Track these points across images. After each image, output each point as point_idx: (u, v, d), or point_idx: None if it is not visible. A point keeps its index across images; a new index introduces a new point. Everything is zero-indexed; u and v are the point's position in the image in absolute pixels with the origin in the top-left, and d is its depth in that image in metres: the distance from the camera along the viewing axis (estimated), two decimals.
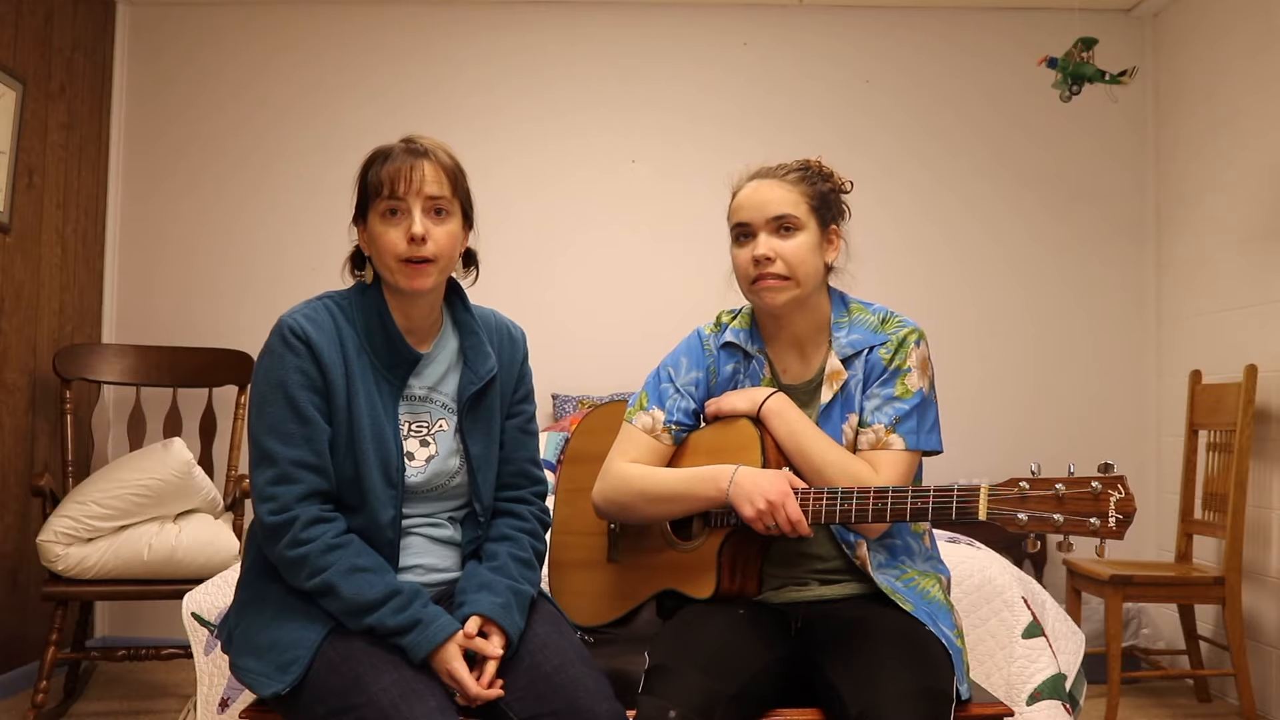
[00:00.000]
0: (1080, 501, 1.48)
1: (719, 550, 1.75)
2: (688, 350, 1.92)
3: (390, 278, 1.65)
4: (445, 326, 1.76)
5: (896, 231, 4.19)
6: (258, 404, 1.61)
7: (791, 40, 4.25)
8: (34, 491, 3.19)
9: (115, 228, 4.19)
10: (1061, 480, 1.50)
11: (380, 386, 1.65)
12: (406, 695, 1.47)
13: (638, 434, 1.86)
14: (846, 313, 1.86)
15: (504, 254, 4.12)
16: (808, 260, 1.79)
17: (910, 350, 1.80)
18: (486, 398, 1.74)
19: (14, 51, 3.49)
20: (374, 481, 1.61)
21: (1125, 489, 1.46)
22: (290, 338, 1.60)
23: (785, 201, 1.80)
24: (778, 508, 1.64)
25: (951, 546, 2.42)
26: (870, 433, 1.77)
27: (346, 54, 4.25)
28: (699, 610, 1.74)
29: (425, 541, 1.70)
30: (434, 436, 1.70)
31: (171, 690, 3.54)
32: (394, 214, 1.63)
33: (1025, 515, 1.51)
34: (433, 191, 1.63)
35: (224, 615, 1.70)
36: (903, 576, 1.76)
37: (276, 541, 1.56)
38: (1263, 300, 3.48)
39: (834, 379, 1.81)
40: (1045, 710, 2.15)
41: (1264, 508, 3.43)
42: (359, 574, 1.55)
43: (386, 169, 1.62)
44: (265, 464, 1.58)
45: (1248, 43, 3.59)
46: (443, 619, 1.55)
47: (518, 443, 1.80)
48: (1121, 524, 1.46)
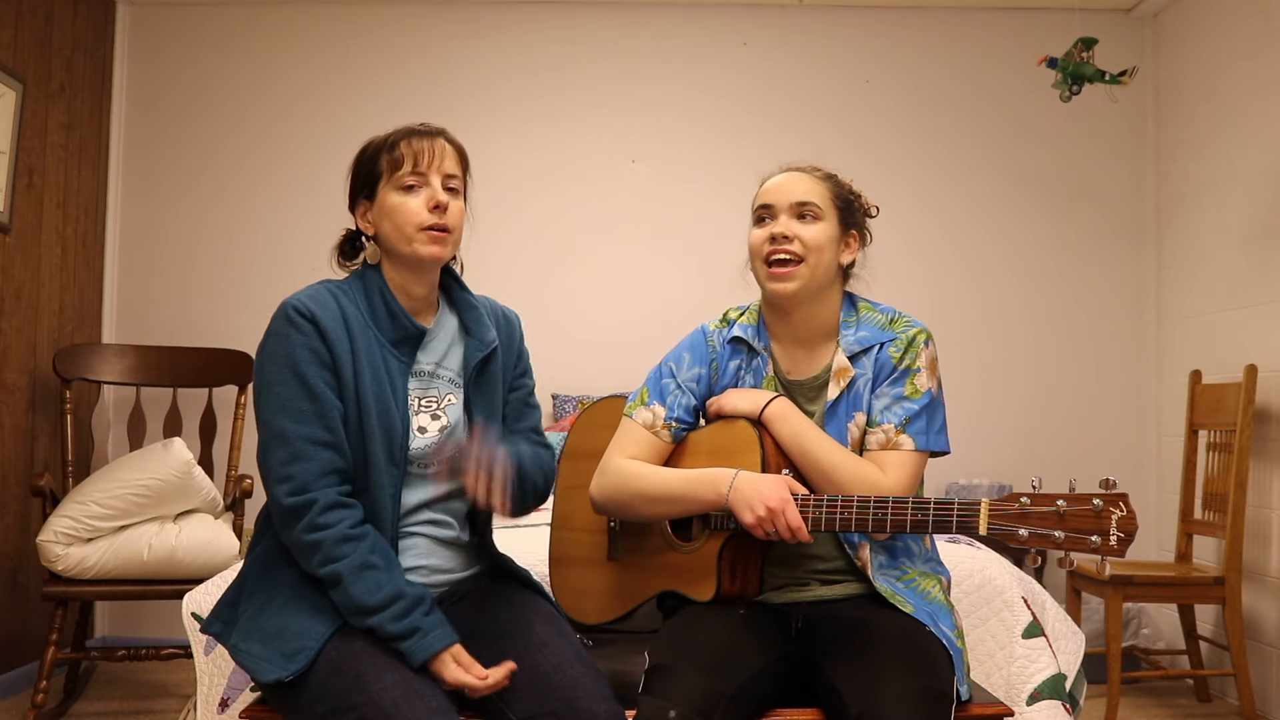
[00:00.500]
0: (1081, 519, 1.48)
1: (719, 553, 1.75)
2: (690, 346, 1.91)
3: (408, 248, 1.68)
4: (442, 306, 1.79)
5: (897, 231, 4.18)
6: (265, 385, 1.61)
7: (791, 40, 4.25)
8: (34, 491, 3.19)
9: (115, 228, 4.19)
10: (1063, 497, 1.50)
11: (389, 363, 1.67)
12: (408, 695, 1.47)
13: (637, 429, 1.86)
14: (854, 312, 1.87)
15: (504, 254, 4.13)
16: (824, 248, 1.79)
17: (920, 350, 1.80)
18: (489, 370, 1.77)
19: (14, 51, 3.49)
20: (378, 459, 1.62)
21: (1127, 506, 1.46)
22: (295, 316, 1.61)
23: (811, 191, 1.82)
24: (777, 515, 1.63)
25: (951, 547, 2.42)
26: (880, 432, 1.77)
27: (346, 54, 4.25)
28: (699, 610, 1.74)
29: (430, 543, 1.70)
30: (444, 410, 1.72)
31: (171, 690, 3.54)
32: (412, 187, 1.68)
33: (1026, 531, 1.50)
34: (450, 169, 1.70)
35: (220, 604, 1.68)
36: (903, 578, 1.76)
37: (294, 524, 1.56)
38: (1263, 300, 3.48)
39: (841, 375, 1.80)
40: (1045, 710, 2.15)
41: (1264, 508, 3.43)
42: (369, 571, 1.55)
43: (409, 145, 1.68)
44: (277, 443, 1.57)
45: (1248, 43, 3.59)
46: (440, 630, 1.55)
47: (520, 414, 1.84)
48: (1123, 542, 1.45)
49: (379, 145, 1.72)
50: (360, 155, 1.75)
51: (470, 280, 1.86)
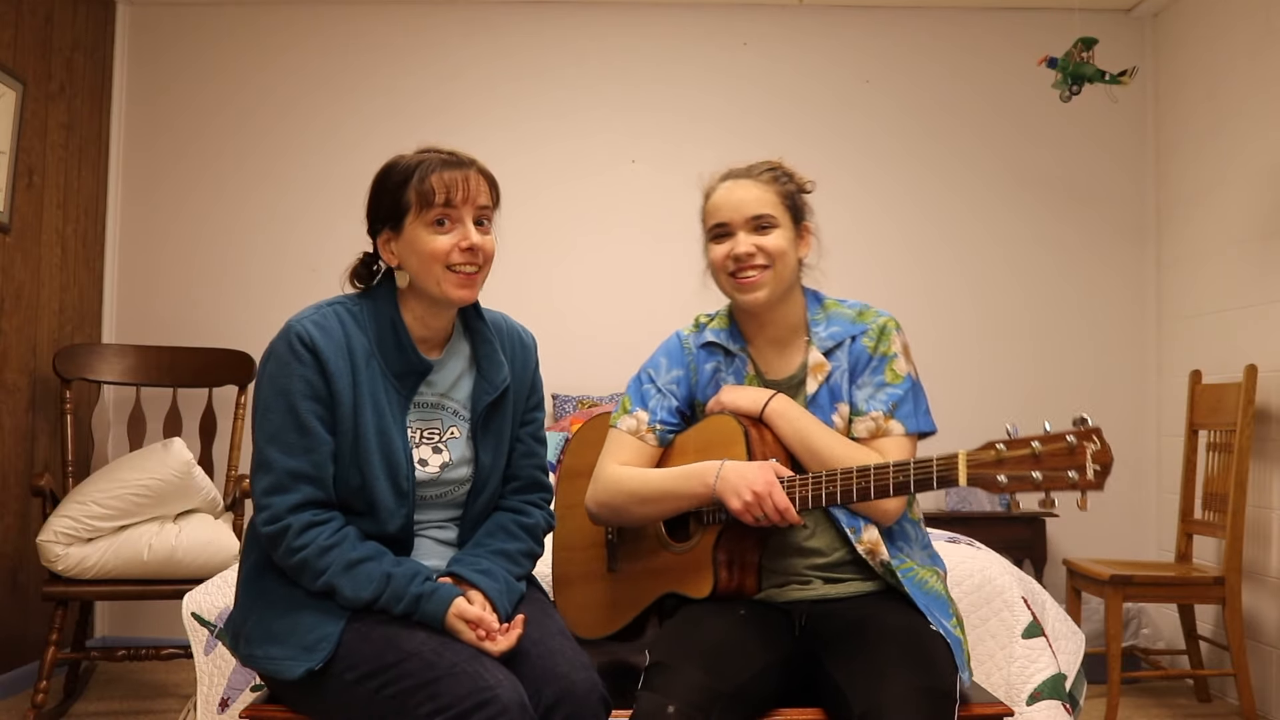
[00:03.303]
0: (1057, 458, 1.50)
1: (714, 547, 1.76)
2: (667, 352, 1.95)
3: (437, 289, 1.63)
4: (456, 332, 1.75)
5: (897, 231, 4.20)
6: (261, 410, 1.61)
7: (791, 40, 4.25)
8: (34, 491, 3.19)
9: (115, 228, 4.19)
10: (1037, 438, 1.52)
11: (389, 395, 1.64)
12: (446, 643, 1.51)
13: (624, 437, 1.89)
14: (822, 309, 1.90)
15: (504, 254, 4.08)
16: (786, 252, 1.82)
17: (893, 337, 1.84)
18: (501, 407, 1.74)
19: (14, 51, 3.49)
20: (382, 491, 1.61)
21: (1101, 440, 1.48)
22: (297, 345, 1.59)
23: (762, 201, 1.84)
24: (764, 498, 1.66)
25: (952, 547, 2.42)
26: (869, 420, 1.80)
27: (347, 54, 4.25)
28: (699, 610, 1.75)
29: (432, 544, 1.71)
30: (446, 444, 1.70)
31: (171, 690, 3.54)
32: (442, 223, 1.62)
33: (1004, 477, 1.52)
34: (482, 201, 1.66)
35: (226, 617, 1.70)
36: (903, 566, 1.77)
37: (275, 550, 1.59)
38: (1263, 300, 3.48)
39: (818, 371, 1.84)
40: (1045, 710, 2.15)
41: (1264, 508, 3.43)
42: (357, 567, 1.56)
43: (440, 177, 1.61)
44: (264, 470, 1.60)
45: (1248, 43, 3.59)
46: (443, 588, 1.57)
47: (530, 451, 1.81)
48: (1100, 475, 1.47)
49: (406, 174, 1.62)
50: (384, 180, 1.65)
51: None
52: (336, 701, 1.54)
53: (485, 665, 1.48)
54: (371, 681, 1.49)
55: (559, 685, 1.53)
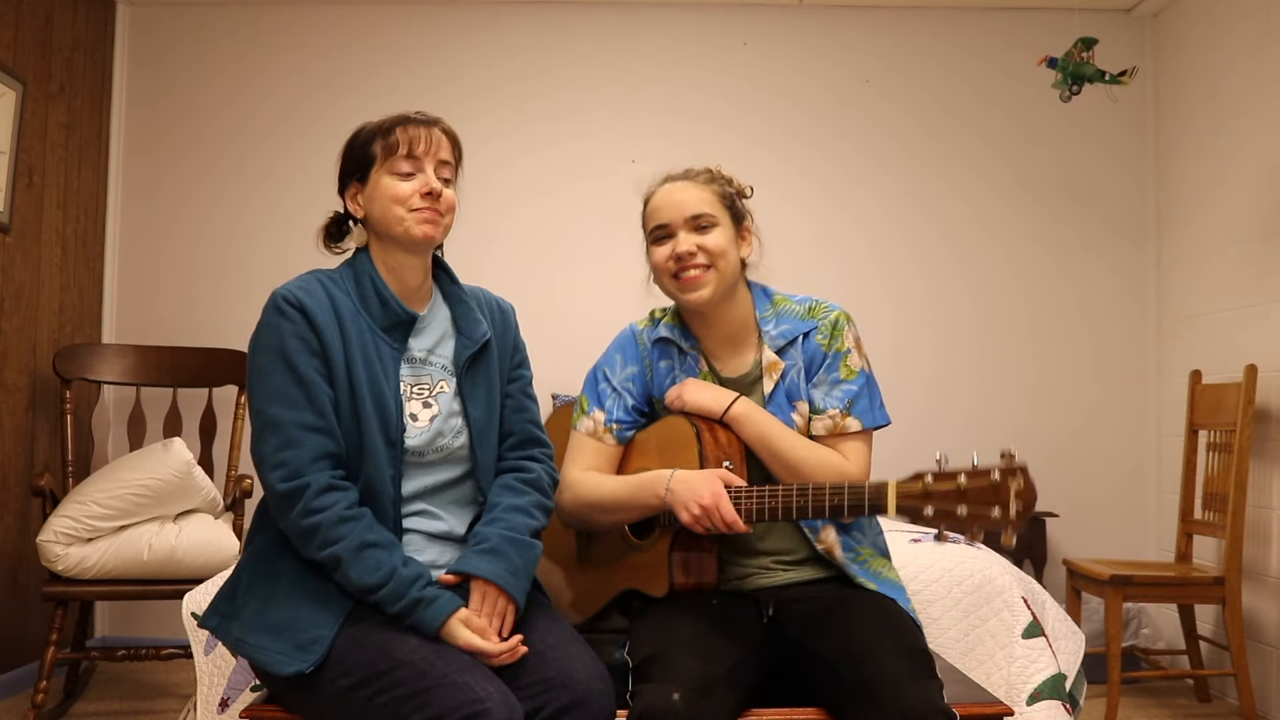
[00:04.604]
0: (981, 493, 1.50)
1: (670, 549, 1.79)
2: (620, 347, 1.99)
3: (399, 228, 1.68)
4: (435, 297, 1.80)
5: (896, 231, 4.19)
6: (256, 376, 1.62)
7: (791, 40, 4.25)
8: (34, 491, 3.19)
9: (115, 228, 4.19)
10: (964, 472, 1.53)
11: (380, 349, 1.67)
12: (438, 652, 1.51)
13: (583, 439, 1.93)
14: (771, 305, 1.91)
15: (504, 253, 4.13)
16: (727, 251, 1.85)
17: (845, 332, 1.86)
18: (484, 363, 1.77)
19: (14, 51, 3.49)
20: (374, 442, 1.62)
21: (1025, 479, 1.48)
22: (284, 305, 1.63)
23: (701, 201, 1.88)
24: (711, 511, 1.68)
25: (952, 547, 2.42)
26: (826, 418, 1.83)
27: (348, 54, 4.25)
28: (671, 605, 1.77)
29: (423, 538, 1.70)
30: (435, 398, 1.72)
31: (171, 690, 3.54)
32: (407, 174, 1.69)
33: (931, 509, 1.54)
34: (444, 156, 1.73)
35: (217, 598, 1.67)
36: (859, 559, 1.82)
37: (289, 510, 1.57)
38: (1263, 300, 3.48)
39: (772, 370, 1.86)
40: (1045, 710, 2.15)
41: (1264, 508, 3.43)
42: (368, 550, 1.56)
43: (404, 131, 1.70)
44: (270, 431, 1.59)
45: (1248, 43, 3.59)
46: (444, 597, 1.57)
47: (520, 406, 1.83)
48: (1020, 515, 1.47)
49: (373, 130, 1.73)
50: (354, 139, 1.76)
51: (471, 279, 1.86)
52: (328, 706, 1.54)
53: (477, 677, 1.48)
54: (364, 689, 1.49)
55: (574, 691, 1.54)
